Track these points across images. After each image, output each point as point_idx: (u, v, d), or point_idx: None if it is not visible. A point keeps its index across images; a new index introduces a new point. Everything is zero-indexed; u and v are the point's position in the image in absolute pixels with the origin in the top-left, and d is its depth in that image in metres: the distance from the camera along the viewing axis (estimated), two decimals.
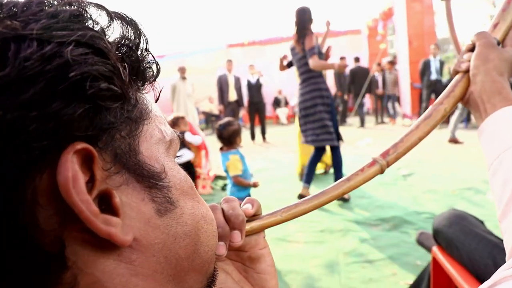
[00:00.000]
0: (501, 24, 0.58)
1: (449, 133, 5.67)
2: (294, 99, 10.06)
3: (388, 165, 0.53)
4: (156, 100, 0.35)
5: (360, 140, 6.54)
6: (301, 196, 3.48)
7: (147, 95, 0.32)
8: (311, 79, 3.28)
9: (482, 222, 1.10)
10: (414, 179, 3.95)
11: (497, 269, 0.36)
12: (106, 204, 0.25)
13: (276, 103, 12.10)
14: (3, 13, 0.23)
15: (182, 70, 6.41)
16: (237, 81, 7.89)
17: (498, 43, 0.57)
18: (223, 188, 4.16)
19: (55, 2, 0.25)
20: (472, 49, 0.57)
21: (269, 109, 11.64)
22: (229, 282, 0.40)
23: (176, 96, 6.30)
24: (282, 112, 11.85)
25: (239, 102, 7.97)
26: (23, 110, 0.21)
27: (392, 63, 9.17)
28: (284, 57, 3.67)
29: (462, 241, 0.98)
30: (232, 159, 2.45)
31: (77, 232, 0.23)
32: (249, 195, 2.55)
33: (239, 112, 8.37)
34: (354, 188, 0.50)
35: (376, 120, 9.50)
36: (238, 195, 2.51)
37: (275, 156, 6.08)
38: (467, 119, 7.34)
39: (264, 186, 4.07)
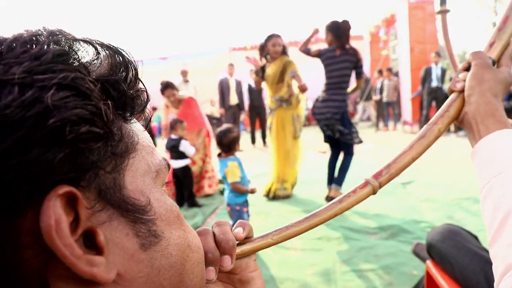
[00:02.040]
0: (497, 44, 0.58)
1: None
2: (309, 102, 10.08)
3: (381, 186, 0.53)
4: (146, 127, 0.35)
5: (360, 147, 6.53)
6: (330, 198, 3.55)
7: (136, 124, 0.32)
8: (345, 88, 3.44)
9: (476, 237, 1.10)
10: (413, 187, 3.94)
11: (489, 285, 0.36)
12: (91, 241, 0.25)
13: None
14: None
15: (184, 73, 6.44)
16: (238, 85, 7.91)
17: (494, 63, 0.57)
18: (222, 192, 4.16)
19: (42, 39, 0.25)
20: (467, 68, 0.57)
21: None
22: None
23: None
24: None
25: (240, 106, 7.98)
26: (1, 160, 0.21)
27: (391, 70, 9.23)
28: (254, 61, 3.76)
29: (455, 256, 0.99)
30: (230, 166, 2.45)
31: (61, 270, 0.24)
32: (246, 201, 2.56)
33: (240, 116, 8.38)
34: (346, 209, 0.51)
35: (376, 127, 9.53)
36: (236, 200, 2.51)
37: None
38: None
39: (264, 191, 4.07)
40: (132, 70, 0.30)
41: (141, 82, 0.32)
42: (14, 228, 0.22)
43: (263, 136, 7.89)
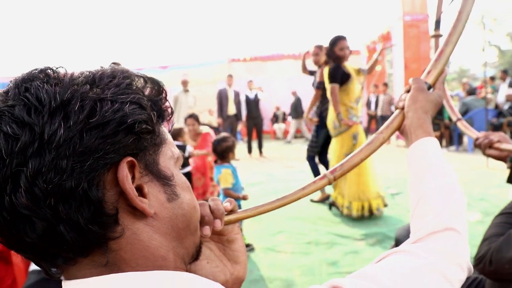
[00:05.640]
0: (433, 71, 0.75)
1: None
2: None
3: (335, 179, 0.70)
4: (170, 131, 0.53)
5: None
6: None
7: (164, 128, 0.50)
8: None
9: None
10: (402, 198, 4.11)
11: (447, 279, 0.52)
12: (140, 191, 0.42)
13: (276, 118, 12.33)
14: (89, 80, 0.41)
15: (184, 83, 6.63)
16: (237, 95, 8.11)
17: (430, 87, 0.75)
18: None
19: (118, 74, 0.43)
20: (409, 90, 0.75)
21: (268, 124, 11.84)
22: (212, 256, 0.57)
23: (178, 107, 6.50)
24: (279, 128, 12.06)
25: (237, 116, 8.17)
26: (104, 139, 0.38)
27: (386, 85, 9.60)
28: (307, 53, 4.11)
29: None
30: (223, 173, 2.62)
31: (125, 205, 0.40)
32: (239, 206, 2.72)
33: (237, 126, 8.56)
34: (307, 195, 0.67)
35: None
36: None
37: (270, 170, 6.23)
38: (458, 143, 7.55)
39: (258, 199, 4.22)
40: (164, 93, 0.48)
41: (168, 101, 0.50)
42: (103, 178, 0.39)
43: (260, 146, 8.07)
